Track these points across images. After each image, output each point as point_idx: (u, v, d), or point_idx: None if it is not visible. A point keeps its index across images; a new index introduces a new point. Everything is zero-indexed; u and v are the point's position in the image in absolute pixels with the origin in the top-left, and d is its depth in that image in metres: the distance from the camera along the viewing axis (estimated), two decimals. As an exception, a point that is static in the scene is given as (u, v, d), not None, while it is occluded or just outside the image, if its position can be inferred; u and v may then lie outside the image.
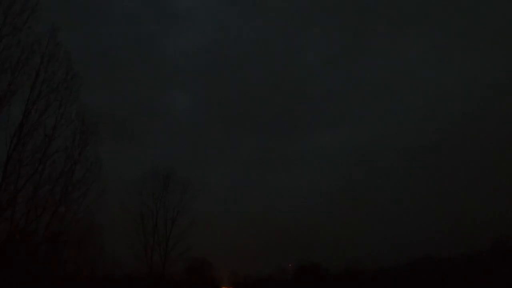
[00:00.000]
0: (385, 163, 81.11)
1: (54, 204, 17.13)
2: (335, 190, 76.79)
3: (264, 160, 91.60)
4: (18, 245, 16.80)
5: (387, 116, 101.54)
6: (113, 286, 37.28)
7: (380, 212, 66.75)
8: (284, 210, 72.31)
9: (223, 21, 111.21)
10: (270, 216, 69.64)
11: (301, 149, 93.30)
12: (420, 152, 77.93)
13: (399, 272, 49.72)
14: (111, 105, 70.25)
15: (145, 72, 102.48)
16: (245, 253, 62.19)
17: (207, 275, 54.87)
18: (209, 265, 55.08)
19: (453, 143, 75.03)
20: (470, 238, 49.19)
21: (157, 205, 36.52)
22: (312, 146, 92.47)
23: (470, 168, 68.65)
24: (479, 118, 77.98)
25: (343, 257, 55.85)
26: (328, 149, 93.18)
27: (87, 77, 18.39)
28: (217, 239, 56.61)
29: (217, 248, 54.71)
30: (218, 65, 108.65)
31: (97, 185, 18.87)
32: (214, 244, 53.33)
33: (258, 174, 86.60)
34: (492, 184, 59.26)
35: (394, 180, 75.66)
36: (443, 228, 55.54)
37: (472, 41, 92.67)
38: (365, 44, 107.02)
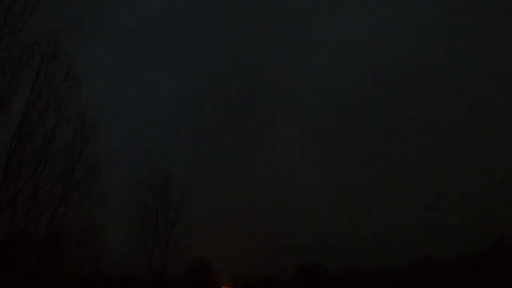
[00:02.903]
0: (383, 161, 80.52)
1: (54, 204, 17.18)
2: (333, 187, 75.70)
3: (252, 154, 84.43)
4: (18, 245, 16.81)
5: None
6: (113, 286, 37.32)
7: (380, 211, 66.69)
8: (285, 209, 71.91)
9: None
10: (270, 216, 69.49)
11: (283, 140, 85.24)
12: (418, 151, 77.85)
13: (399, 272, 49.80)
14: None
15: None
16: (245, 253, 62.14)
17: (207, 276, 54.85)
18: (209, 265, 55.04)
19: (453, 141, 74.81)
20: (470, 238, 49.26)
21: (157, 205, 36.52)
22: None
23: (470, 167, 68.69)
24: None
25: (343, 257, 55.90)
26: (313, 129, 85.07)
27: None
28: (217, 239, 56.54)
29: (217, 248, 54.66)
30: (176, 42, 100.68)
31: (97, 185, 18.92)
32: (214, 244, 53.26)
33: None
34: (493, 184, 59.37)
35: (394, 179, 75.47)
36: (443, 228, 55.57)
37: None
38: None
